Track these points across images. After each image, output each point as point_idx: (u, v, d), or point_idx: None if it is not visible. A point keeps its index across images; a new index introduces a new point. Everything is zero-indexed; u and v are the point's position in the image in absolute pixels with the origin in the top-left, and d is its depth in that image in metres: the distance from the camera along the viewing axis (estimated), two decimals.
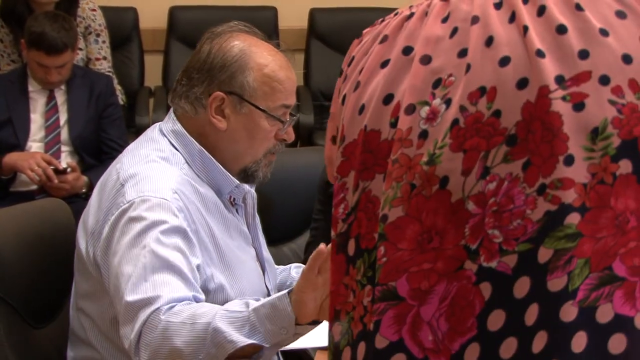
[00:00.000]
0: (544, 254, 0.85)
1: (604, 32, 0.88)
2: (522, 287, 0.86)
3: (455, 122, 0.89)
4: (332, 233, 0.98)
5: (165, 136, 1.82)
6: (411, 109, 0.92)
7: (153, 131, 1.87)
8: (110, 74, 3.85)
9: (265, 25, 4.58)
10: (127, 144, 3.65)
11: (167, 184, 1.70)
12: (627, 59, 0.88)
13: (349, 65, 1.02)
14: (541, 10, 0.88)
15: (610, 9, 0.89)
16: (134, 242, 1.64)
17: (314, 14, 4.94)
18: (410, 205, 0.90)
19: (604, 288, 0.86)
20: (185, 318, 1.55)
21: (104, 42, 3.91)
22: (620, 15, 0.89)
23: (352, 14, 4.88)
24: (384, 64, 0.96)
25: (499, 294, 0.85)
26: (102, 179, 1.82)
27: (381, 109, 0.94)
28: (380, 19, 1.02)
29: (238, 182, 1.80)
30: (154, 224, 1.63)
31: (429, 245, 0.89)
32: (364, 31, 1.03)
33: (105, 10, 4.07)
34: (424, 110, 0.92)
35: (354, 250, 0.96)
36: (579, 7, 0.88)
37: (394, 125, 0.93)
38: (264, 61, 1.77)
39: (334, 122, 1.04)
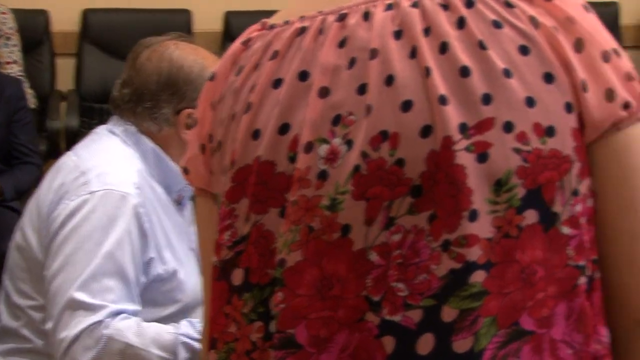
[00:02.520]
0: (448, 313, 0.85)
1: (507, 73, 0.86)
2: (426, 343, 0.86)
3: (357, 168, 0.87)
4: (215, 259, 0.96)
5: (118, 135, 1.86)
6: (310, 147, 0.90)
7: (101, 131, 1.90)
8: (21, 77, 3.86)
9: (179, 28, 4.56)
10: (38, 148, 3.71)
11: (130, 178, 1.75)
12: (530, 102, 0.87)
13: (236, 75, 0.98)
14: (443, 48, 0.86)
15: (513, 45, 0.88)
16: (91, 236, 1.69)
17: (229, 17, 5.02)
18: (308, 250, 0.89)
19: (512, 344, 0.86)
20: (123, 345, 1.67)
21: (14, 45, 3.95)
22: (524, 51, 0.88)
23: (265, 15, 5.05)
24: (277, 84, 0.93)
25: (403, 349, 0.85)
26: (53, 169, 1.85)
27: (277, 139, 0.92)
28: (267, 22, 0.98)
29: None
30: (114, 220, 1.69)
31: (329, 293, 0.88)
32: (250, 34, 0.99)
33: (17, 13, 4.05)
34: (323, 149, 0.90)
35: (242, 282, 0.94)
36: (482, 46, 0.87)
37: (292, 160, 0.91)
38: None
39: (201, 129, 1.02)
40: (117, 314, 1.68)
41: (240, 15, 5.07)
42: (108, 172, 1.78)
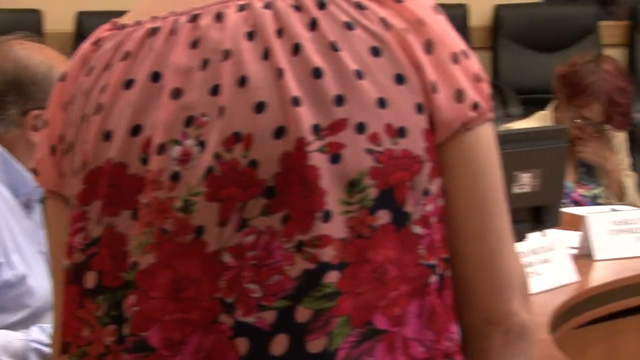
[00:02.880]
0: (302, 314, 0.87)
1: (359, 75, 0.89)
2: (280, 344, 0.88)
3: (210, 169, 0.89)
4: (66, 262, 0.98)
5: None
6: (162, 148, 0.91)
7: None
8: None
9: (29, 29, 4.61)
10: None
11: None
12: (382, 103, 0.90)
13: (87, 75, 0.99)
14: (296, 49, 0.89)
15: (365, 46, 0.90)
16: None
17: (81, 17, 5.07)
18: (162, 252, 0.91)
19: (366, 343, 0.89)
20: None
21: None
22: (375, 52, 0.91)
23: (118, 15, 5.26)
24: (128, 85, 0.95)
25: (256, 350, 0.87)
26: None
27: (129, 141, 0.93)
28: (117, 22, 1.01)
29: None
30: None
31: (182, 295, 0.90)
32: (100, 34, 1.00)
33: None
34: (175, 150, 0.91)
35: (95, 285, 0.95)
36: (334, 47, 0.89)
37: (144, 162, 0.93)
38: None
39: (51, 130, 1.04)
40: None
41: (93, 15, 5.09)
42: None
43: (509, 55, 5.56)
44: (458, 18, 5.13)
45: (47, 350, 1.76)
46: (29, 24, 4.73)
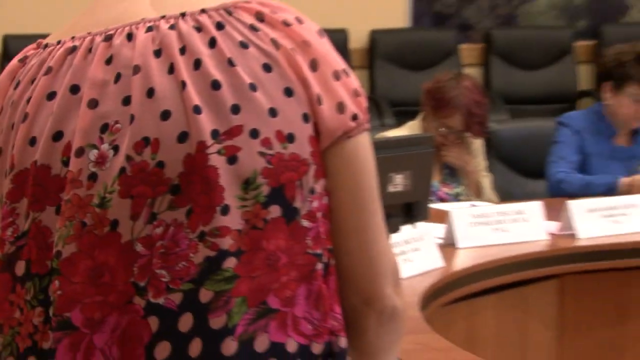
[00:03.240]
0: (205, 295, 0.93)
1: (253, 87, 0.94)
2: (186, 322, 0.94)
3: (122, 170, 0.94)
4: None
5: None
6: (81, 152, 0.96)
7: None
8: None
9: None
10: None
11: None
12: (273, 113, 0.95)
13: (14, 89, 1.04)
14: (197, 64, 0.94)
15: (258, 62, 0.95)
16: None
17: (7, 40, 5.07)
18: (82, 243, 0.97)
19: (261, 321, 0.95)
20: None
21: None
22: (267, 68, 0.96)
23: (42, 37, 5.15)
24: (50, 96, 0.99)
25: (166, 327, 0.94)
26: None
27: (52, 146, 0.99)
28: (42, 42, 1.07)
29: None
30: None
31: (100, 280, 0.95)
32: (26, 53, 1.07)
33: None
34: (93, 154, 0.96)
35: (24, 272, 1.01)
36: (231, 63, 0.94)
37: (65, 164, 0.97)
38: None
39: None
40: None
41: (18, 38, 5.18)
42: None
43: (383, 73, 5.70)
44: (339, 41, 5.22)
45: None
46: None
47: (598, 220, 3.19)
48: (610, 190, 3.69)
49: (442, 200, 3.64)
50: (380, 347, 1.13)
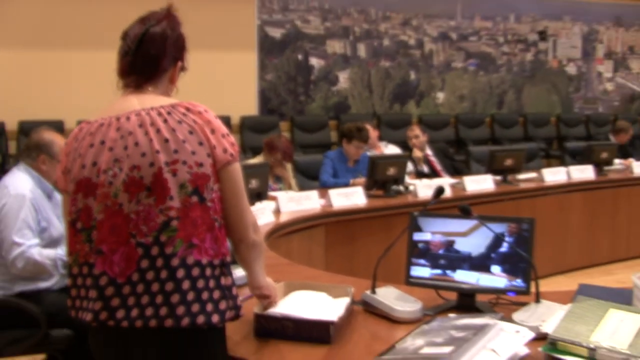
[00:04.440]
0: (163, 237, 1.48)
1: (183, 141, 1.45)
2: (155, 250, 1.47)
3: (124, 180, 1.43)
4: (68, 218, 1.55)
5: (21, 170, 2.92)
6: (105, 172, 1.47)
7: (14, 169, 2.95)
8: None
9: None
10: None
11: (26, 187, 2.89)
12: (193, 153, 1.48)
13: (75, 142, 1.55)
14: (158, 131, 1.44)
15: (186, 130, 1.47)
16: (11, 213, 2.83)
17: (23, 125, 6.56)
18: (106, 213, 1.49)
19: (189, 249, 1.47)
20: (33, 260, 2.85)
21: None
22: (190, 133, 1.46)
23: (51, 123, 5.82)
24: (91, 146, 1.51)
25: (145, 253, 1.45)
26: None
27: (91, 168, 1.50)
28: (87, 121, 1.54)
29: None
30: (22, 206, 2.84)
31: (115, 231, 1.51)
32: (81, 126, 1.55)
33: None
34: (110, 173, 1.46)
35: (81, 227, 1.53)
36: (174, 130, 1.46)
37: (97, 177, 1.49)
38: None
39: (61, 164, 1.58)
40: (30, 246, 2.84)
41: (29, 123, 6.54)
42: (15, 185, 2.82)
43: (249, 136, 8.02)
44: (226, 120, 7.35)
45: (65, 258, 2.84)
46: None
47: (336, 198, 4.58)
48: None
49: (274, 190, 4.83)
50: (250, 259, 1.70)
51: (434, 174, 6.13)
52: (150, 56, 1.59)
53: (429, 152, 6.30)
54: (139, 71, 1.60)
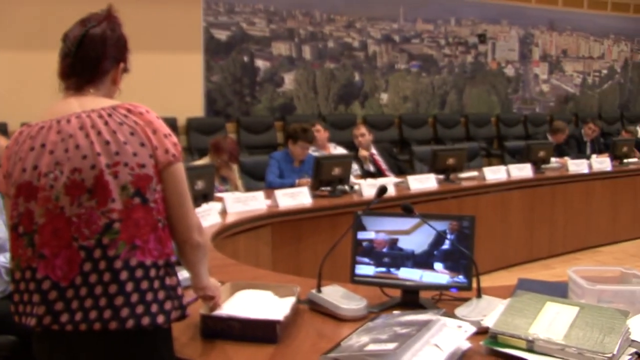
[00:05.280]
0: (105, 240, 1.46)
1: (125, 143, 1.44)
2: (97, 253, 1.48)
3: (65, 183, 1.44)
4: (10, 222, 1.53)
5: None
6: (45, 175, 1.47)
7: None
8: None
9: None
10: None
11: None
12: (135, 154, 1.47)
13: (16, 146, 1.54)
14: (99, 133, 1.45)
15: (127, 131, 1.46)
16: None
17: None
18: (48, 217, 1.46)
19: (132, 251, 1.46)
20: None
21: None
22: (131, 134, 1.45)
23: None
24: (32, 149, 1.52)
25: (88, 255, 1.43)
26: None
27: (32, 172, 1.51)
28: (28, 124, 1.52)
29: None
30: None
31: (57, 234, 1.48)
32: (21, 129, 1.54)
33: None
34: (51, 176, 1.46)
35: (22, 231, 1.51)
36: (114, 132, 1.44)
37: (38, 180, 1.49)
38: None
39: (3, 169, 1.55)
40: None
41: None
42: None
43: (194, 137, 7.90)
44: (172, 122, 7.28)
45: (8, 265, 2.57)
46: None
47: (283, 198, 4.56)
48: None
49: (220, 192, 4.80)
50: (195, 260, 1.70)
51: (379, 173, 6.18)
52: (90, 58, 1.59)
53: (374, 151, 6.39)
54: (79, 73, 1.60)
